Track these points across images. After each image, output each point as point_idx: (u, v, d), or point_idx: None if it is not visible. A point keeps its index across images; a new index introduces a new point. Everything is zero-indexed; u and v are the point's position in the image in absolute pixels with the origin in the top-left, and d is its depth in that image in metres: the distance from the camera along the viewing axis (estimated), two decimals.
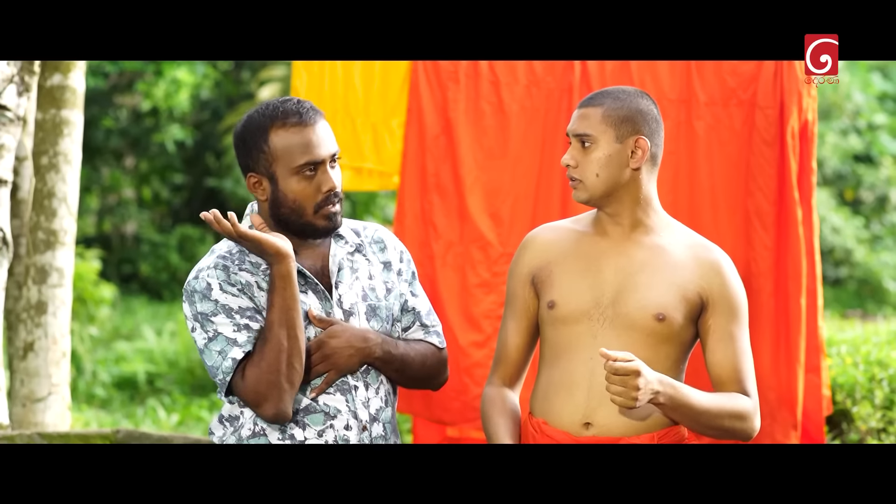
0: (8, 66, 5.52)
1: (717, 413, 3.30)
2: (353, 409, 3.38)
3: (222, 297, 3.33)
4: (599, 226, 3.49)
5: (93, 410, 10.21)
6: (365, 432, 3.39)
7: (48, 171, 5.91)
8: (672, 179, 5.81)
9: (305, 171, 3.36)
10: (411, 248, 5.89)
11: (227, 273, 3.36)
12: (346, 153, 5.94)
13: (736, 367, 3.38)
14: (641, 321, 3.36)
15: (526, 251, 3.55)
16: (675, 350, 3.40)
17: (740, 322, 3.42)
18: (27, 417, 5.79)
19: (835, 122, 17.22)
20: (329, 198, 3.38)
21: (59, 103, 5.94)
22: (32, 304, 5.89)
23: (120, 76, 15.62)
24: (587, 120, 3.42)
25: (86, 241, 16.19)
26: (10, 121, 5.55)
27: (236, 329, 3.31)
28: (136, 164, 18.14)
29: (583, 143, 3.41)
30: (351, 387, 3.39)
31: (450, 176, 5.91)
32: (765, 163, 5.74)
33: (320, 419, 3.35)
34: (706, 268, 3.42)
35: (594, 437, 3.33)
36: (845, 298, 16.45)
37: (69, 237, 5.96)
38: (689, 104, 5.83)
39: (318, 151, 3.37)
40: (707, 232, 5.78)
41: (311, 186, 3.37)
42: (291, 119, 3.36)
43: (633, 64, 5.84)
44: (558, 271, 3.46)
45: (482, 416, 3.51)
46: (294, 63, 6.03)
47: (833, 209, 16.70)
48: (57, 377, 5.83)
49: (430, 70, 5.92)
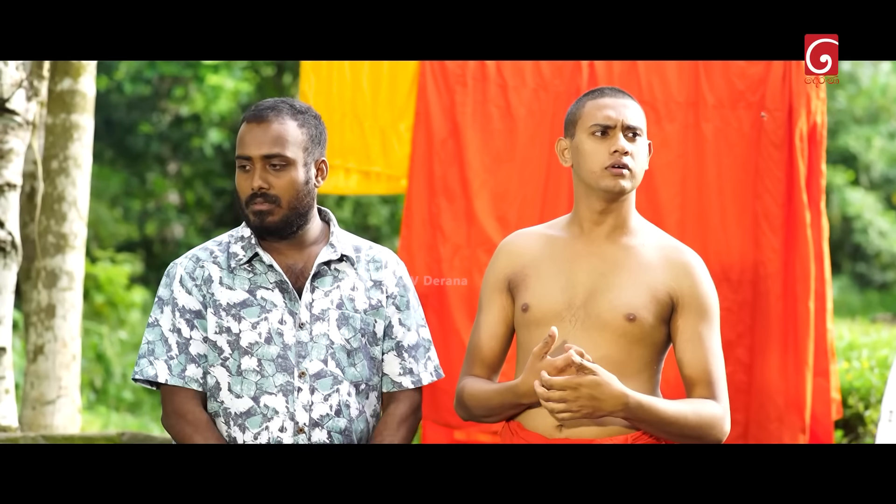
0: (17, 70, 5.56)
1: (683, 423, 3.28)
2: (292, 412, 3.39)
3: (177, 289, 3.42)
4: (576, 228, 3.49)
5: (120, 414, 10.26)
6: (301, 435, 3.39)
7: (58, 175, 5.95)
8: (680, 182, 5.80)
9: (240, 164, 3.42)
10: (419, 251, 5.90)
11: (196, 265, 3.44)
12: (354, 157, 5.95)
13: (705, 368, 3.36)
14: (612, 322, 3.34)
15: (500, 257, 3.54)
16: (648, 351, 3.38)
17: (710, 323, 3.40)
18: (37, 420, 5.81)
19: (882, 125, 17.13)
20: (253, 196, 3.40)
21: (70, 107, 5.97)
22: (42, 307, 5.91)
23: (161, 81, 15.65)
24: (635, 112, 3.42)
25: (129, 245, 16.26)
26: (18, 125, 5.59)
27: (171, 329, 3.39)
28: (179, 169, 18.19)
29: (635, 134, 3.40)
30: (294, 388, 3.40)
31: (457, 179, 5.91)
32: (773, 165, 5.71)
33: (258, 421, 3.38)
34: (677, 268, 3.40)
35: (566, 439, 3.32)
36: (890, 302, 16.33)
37: (79, 241, 5.98)
38: (697, 106, 5.81)
39: (248, 149, 3.41)
40: (715, 234, 5.77)
41: (245, 180, 3.42)
42: (250, 114, 3.43)
43: (642, 67, 5.83)
44: (533, 275, 3.45)
45: (470, 402, 3.47)
46: (302, 66, 6.05)
47: (880, 213, 16.62)
48: (66, 380, 5.86)
49: (437, 73, 5.91)
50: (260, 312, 3.39)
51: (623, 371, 3.33)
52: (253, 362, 3.38)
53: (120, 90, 14.36)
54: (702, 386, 3.37)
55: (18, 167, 5.62)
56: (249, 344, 3.38)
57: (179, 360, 3.38)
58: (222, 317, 3.38)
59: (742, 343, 5.76)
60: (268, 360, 3.38)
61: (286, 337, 3.40)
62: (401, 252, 5.98)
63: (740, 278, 5.76)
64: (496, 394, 3.40)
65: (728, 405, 3.38)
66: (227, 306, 3.39)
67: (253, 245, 3.45)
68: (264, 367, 3.38)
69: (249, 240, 3.46)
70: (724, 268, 5.76)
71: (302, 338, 3.42)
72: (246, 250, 3.45)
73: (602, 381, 3.19)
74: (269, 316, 3.40)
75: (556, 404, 3.19)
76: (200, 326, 3.39)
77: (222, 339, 3.38)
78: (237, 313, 3.38)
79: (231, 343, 3.37)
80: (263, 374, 3.38)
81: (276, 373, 3.38)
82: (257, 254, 3.45)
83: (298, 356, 3.41)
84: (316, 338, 3.43)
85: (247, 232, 3.48)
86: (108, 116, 16.10)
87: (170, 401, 3.41)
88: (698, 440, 3.31)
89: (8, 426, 5.49)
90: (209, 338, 3.38)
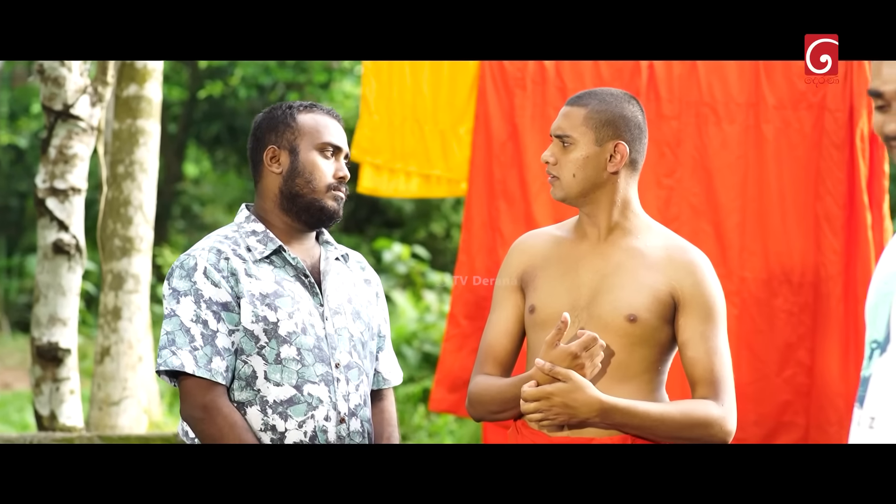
0: (81, 76, 5.67)
1: (670, 424, 3.27)
2: (334, 401, 3.44)
3: (200, 281, 3.40)
4: (580, 229, 3.51)
5: None
6: (342, 425, 3.44)
7: (124, 179, 6.05)
8: (741, 183, 5.77)
9: (326, 150, 3.52)
10: (479, 253, 5.94)
11: (219, 257, 3.44)
12: (415, 160, 6.00)
13: (707, 368, 3.34)
14: (614, 322, 3.34)
15: (514, 255, 3.57)
16: (651, 352, 3.37)
17: (714, 322, 3.37)
18: (103, 420, 5.92)
19: None
20: (341, 184, 3.53)
21: (136, 113, 6.07)
22: (109, 309, 6.01)
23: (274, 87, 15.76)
24: (569, 120, 3.44)
25: None
26: (83, 130, 5.70)
27: (193, 319, 3.37)
28: None
29: (563, 142, 3.43)
30: (334, 378, 3.45)
31: (516, 182, 5.93)
32: (834, 166, 5.66)
33: (303, 410, 3.40)
34: (679, 268, 3.38)
35: (567, 438, 3.32)
36: None
37: (145, 244, 6.08)
38: (757, 108, 5.77)
39: (340, 139, 3.56)
40: (776, 236, 5.73)
41: (329, 166, 3.52)
42: (319, 109, 3.57)
43: (702, 68, 5.80)
44: (541, 276, 3.47)
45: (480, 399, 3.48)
46: (364, 69, 6.09)
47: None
48: (132, 381, 5.96)
49: (497, 76, 5.93)
50: (292, 303, 3.43)
51: (625, 372, 3.33)
52: (293, 351, 3.40)
53: (235, 96, 14.51)
54: (704, 386, 3.34)
55: (83, 172, 5.73)
56: (288, 333, 3.40)
57: (205, 351, 3.35)
58: (257, 306, 3.39)
59: (803, 345, 5.71)
60: (306, 349, 3.41)
61: (317, 329, 3.45)
62: (461, 254, 6.03)
63: (801, 280, 5.71)
64: (508, 388, 3.41)
65: (733, 405, 3.34)
66: (260, 296, 3.41)
67: (273, 239, 3.49)
68: (304, 356, 3.40)
69: (266, 234, 3.50)
70: (784, 270, 5.72)
71: (329, 329, 3.47)
72: (265, 244, 3.49)
73: (573, 387, 3.21)
74: (300, 307, 3.45)
75: (533, 413, 3.25)
76: (228, 320, 3.38)
77: (258, 327, 3.39)
78: (272, 303, 3.41)
79: (268, 332, 3.39)
80: (304, 364, 3.40)
81: (316, 363, 3.42)
82: (278, 249, 3.50)
83: (330, 347, 3.46)
84: (339, 330, 3.49)
85: (259, 227, 3.50)
86: (231, 123, 16.34)
87: (198, 393, 3.38)
88: (695, 440, 3.29)
89: (73, 427, 5.60)
90: (246, 327, 3.39)
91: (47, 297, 5.67)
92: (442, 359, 6.07)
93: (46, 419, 5.62)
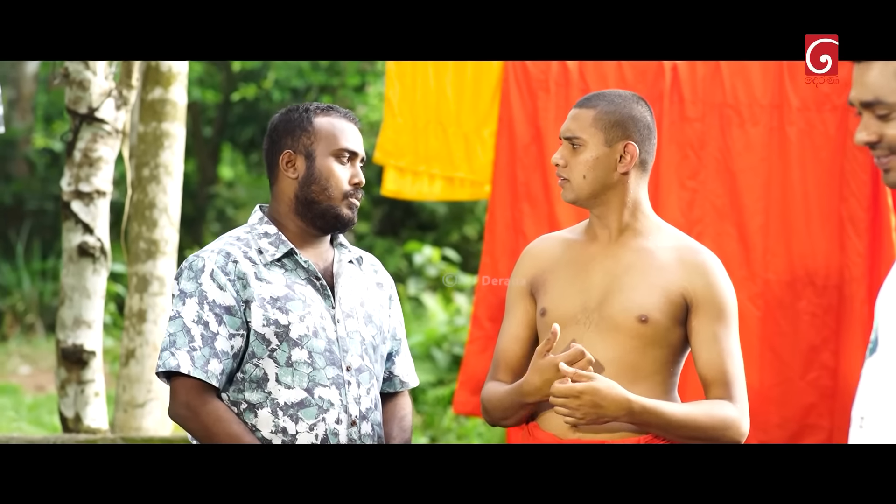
0: (105, 79, 5.71)
1: (693, 426, 3.28)
2: (345, 404, 3.44)
3: (206, 283, 3.41)
4: (590, 231, 3.54)
5: None
6: (353, 428, 3.44)
7: (149, 182, 6.07)
8: (765, 185, 5.75)
9: (343, 156, 3.53)
10: (502, 256, 5.95)
11: (227, 260, 3.45)
12: (438, 163, 6.01)
13: (721, 369, 3.34)
14: (625, 323, 3.35)
15: (523, 262, 3.60)
16: (663, 353, 3.37)
17: (727, 323, 3.38)
18: (128, 423, 5.94)
19: None
20: (357, 190, 3.54)
21: (161, 116, 6.08)
22: (134, 311, 6.04)
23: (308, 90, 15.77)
24: (578, 122, 3.46)
25: None
26: (108, 133, 5.74)
27: (195, 321, 3.38)
28: None
29: (573, 144, 3.43)
30: (345, 381, 3.45)
31: (540, 185, 5.93)
32: (858, 168, 5.64)
33: (314, 413, 3.41)
34: (690, 269, 3.39)
35: (579, 440, 3.33)
36: None
37: (170, 247, 6.10)
38: (781, 109, 5.75)
39: (356, 144, 3.56)
40: (800, 238, 5.71)
41: (346, 172, 3.53)
42: (336, 112, 3.58)
43: (725, 69, 5.79)
44: (551, 279, 3.49)
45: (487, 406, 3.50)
46: (388, 73, 6.11)
47: None
48: (157, 384, 5.96)
49: (520, 78, 5.94)
50: (303, 307, 3.44)
51: (637, 373, 3.34)
52: (304, 354, 3.41)
53: (269, 99, 14.55)
54: (717, 386, 3.35)
55: (108, 175, 5.77)
56: (299, 336, 3.41)
57: (203, 352, 3.36)
58: (268, 309, 3.41)
59: (827, 348, 5.69)
60: (317, 352, 3.42)
61: (328, 332, 3.46)
62: (484, 256, 6.03)
63: (825, 283, 5.69)
64: (506, 394, 3.43)
65: (746, 406, 3.35)
66: (271, 299, 3.42)
67: (284, 242, 3.50)
68: (315, 359, 3.42)
69: (278, 236, 3.51)
70: (808, 272, 5.70)
71: (341, 332, 3.48)
72: (276, 246, 3.50)
73: (600, 387, 3.21)
74: (311, 310, 3.45)
75: (562, 409, 3.25)
76: (230, 323, 3.39)
77: (269, 330, 3.40)
78: (283, 306, 3.42)
79: (279, 335, 3.40)
80: (315, 367, 3.41)
81: (327, 366, 3.43)
82: (289, 252, 3.51)
83: (342, 350, 3.47)
84: (351, 333, 3.50)
85: (271, 229, 3.52)
86: (265, 126, 16.33)
87: (184, 393, 3.37)
88: (712, 441, 3.29)
89: (97, 428, 5.63)
90: (257, 331, 3.40)
91: (72, 300, 5.71)
92: (465, 361, 6.08)
93: (71, 421, 5.65)
